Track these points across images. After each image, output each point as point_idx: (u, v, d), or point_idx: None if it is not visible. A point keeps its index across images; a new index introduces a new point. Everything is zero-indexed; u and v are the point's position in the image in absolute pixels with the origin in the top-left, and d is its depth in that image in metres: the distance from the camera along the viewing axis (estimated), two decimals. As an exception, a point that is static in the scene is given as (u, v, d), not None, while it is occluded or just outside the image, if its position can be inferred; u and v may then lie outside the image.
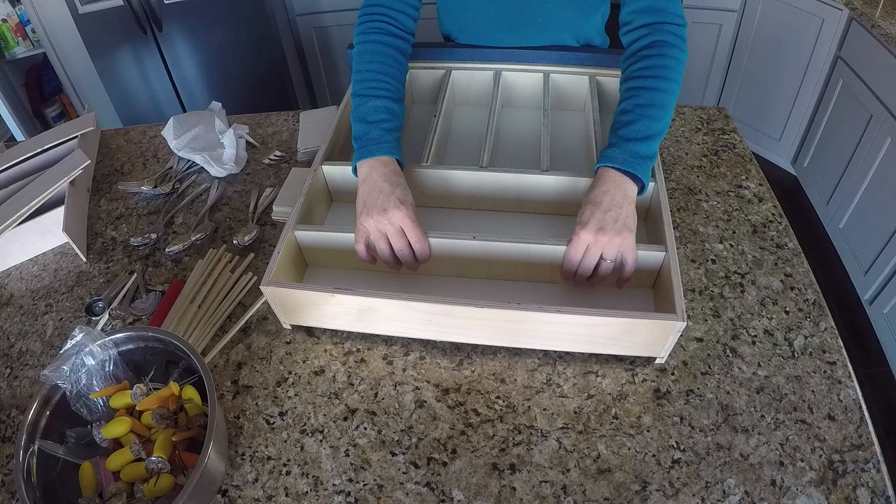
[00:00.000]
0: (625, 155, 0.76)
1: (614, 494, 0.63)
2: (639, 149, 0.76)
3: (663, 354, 0.72)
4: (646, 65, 0.80)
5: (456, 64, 1.07)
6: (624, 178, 0.76)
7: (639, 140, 0.77)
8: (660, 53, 0.80)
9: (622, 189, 0.75)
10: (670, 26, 0.81)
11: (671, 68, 0.80)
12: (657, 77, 0.79)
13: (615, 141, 0.78)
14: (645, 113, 0.77)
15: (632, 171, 0.75)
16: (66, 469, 0.65)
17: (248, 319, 0.83)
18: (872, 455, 0.64)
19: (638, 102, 0.79)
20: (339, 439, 0.69)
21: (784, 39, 2.18)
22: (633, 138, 0.77)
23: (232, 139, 1.07)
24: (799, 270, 0.84)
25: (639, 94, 0.79)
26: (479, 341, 0.76)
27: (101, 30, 2.16)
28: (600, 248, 0.72)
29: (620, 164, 0.75)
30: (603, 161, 0.77)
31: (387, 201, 0.75)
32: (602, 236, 0.71)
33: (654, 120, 0.77)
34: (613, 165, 0.76)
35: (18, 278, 0.95)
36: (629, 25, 0.85)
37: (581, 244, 0.73)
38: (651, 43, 0.81)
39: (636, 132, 0.77)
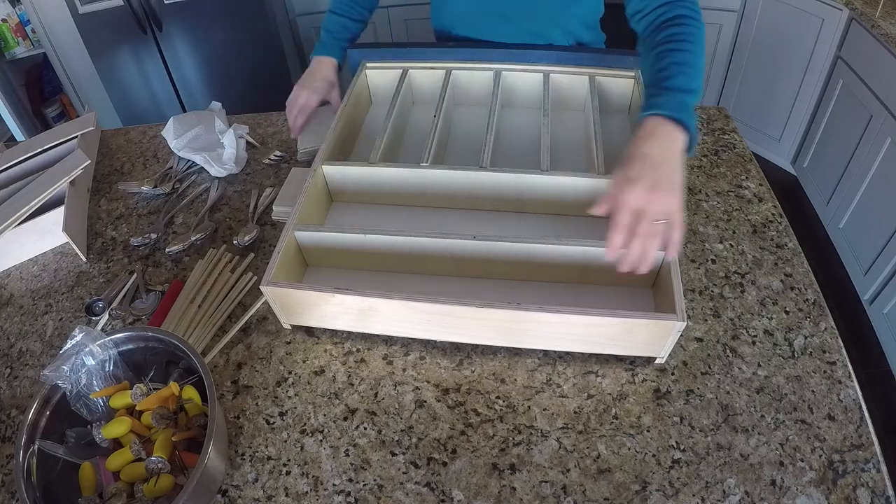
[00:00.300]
0: (672, 102, 0.72)
1: (614, 494, 0.63)
2: (685, 98, 0.72)
3: (663, 354, 0.72)
4: (672, 32, 0.80)
5: (456, 64, 1.07)
6: (674, 127, 0.70)
7: (684, 91, 0.73)
8: (681, 23, 0.81)
9: (670, 141, 0.69)
10: (686, 1, 0.82)
11: (696, 35, 0.80)
12: (686, 41, 0.79)
13: (658, 91, 0.73)
14: (682, 70, 0.75)
15: (681, 118, 0.70)
16: (66, 469, 0.65)
17: (248, 319, 0.83)
18: (872, 455, 0.64)
19: (673, 60, 0.76)
20: (339, 439, 0.69)
21: (784, 39, 2.18)
22: (678, 88, 0.73)
23: (232, 139, 1.07)
24: (799, 270, 0.84)
25: (671, 54, 0.77)
26: (479, 341, 0.76)
27: (101, 30, 2.17)
28: (656, 207, 0.65)
29: (670, 111, 0.70)
30: (652, 109, 0.72)
31: (310, 83, 1.08)
32: (654, 194, 0.65)
33: (690, 77, 0.75)
34: (662, 112, 0.71)
35: (18, 278, 0.95)
36: (643, 11, 0.85)
37: (632, 204, 0.65)
38: (670, 17, 0.82)
39: (679, 84, 0.74)
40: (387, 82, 1.11)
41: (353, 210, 0.94)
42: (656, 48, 0.80)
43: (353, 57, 1.13)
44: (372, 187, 0.92)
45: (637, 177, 0.67)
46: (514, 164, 0.90)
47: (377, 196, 0.93)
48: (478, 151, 0.90)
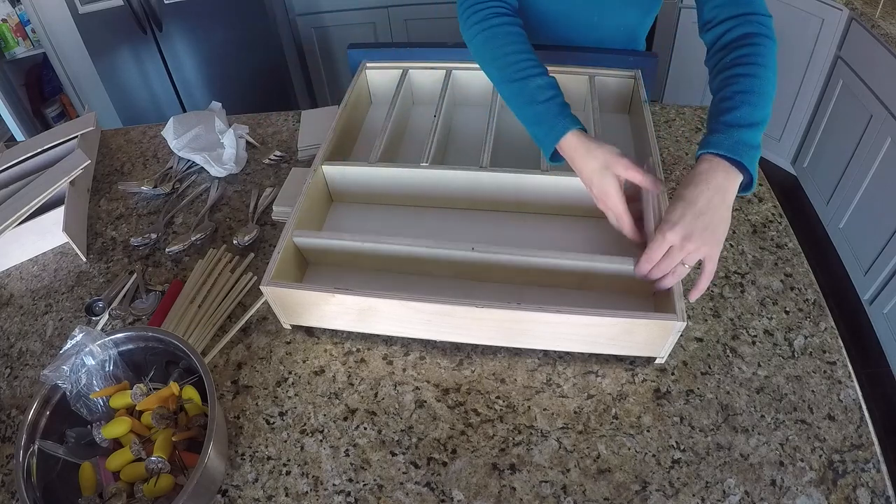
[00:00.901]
0: (730, 141, 0.68)
1: (614, 494, 0.63)
2: (745, 136, 0.69)
3: (663, 354, 0.72)
4: (741, 53, 0.75)
5: (456, 64, 1.07)
6: (728, 169, 0.68)
7: (743, 127, 0.69)
8: (752, 42, 0.75)
9: (722, 190, 0.68)
10: (757, 17, 0.77)
11: (766, 56, 0.74)
12: (753, 64, 0.73)
13: (718, 127, 0.70)
14: (747, 100, 0.71)
15: (738, 158, 0.68)
16: (66, 469, 0.65)
17: (248, 319, 0.83)
18: (872, 455, 0.64)
19: (737, 89, 0.72)
20: (339, 439, 0.69)
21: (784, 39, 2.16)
22: (738, 124, 0.69)
23: (232, 139, 1.07)
24: (799, 270, 0.84)
25: (737, 80, 0.73)
26: (479, 341, 0.76)
27: (101, 30, 2.17)
28: (682, 254, 0.67)
29: (726, 151, 0.68)
30: (706, 147, 0.70)
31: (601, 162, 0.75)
32: (688, 243, 0.66)
33: (755, 107, 0.71)
34: (718, 152, 0.68)
35: (18, 278, 0.95)
36: (713, 21, 0.80)
37: (665, 245, 0.67)
38: (742, 35, 0.77)
39: (741, 118, 0.70)
40: (387, 82, 1.12)
41: (352, 210, 0.94)
42: (722, 72, 0.76)
43: (353, 57, 1.13)
44: (372, 187, 0.92)
45: (676, 222, 0.67)
46: (514, 164, 0.90)
47: (377, 196, 0.93)
48: (478, 151, 0.90)
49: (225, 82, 2.38)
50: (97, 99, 2.48)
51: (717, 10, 0.80)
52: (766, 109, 0.72)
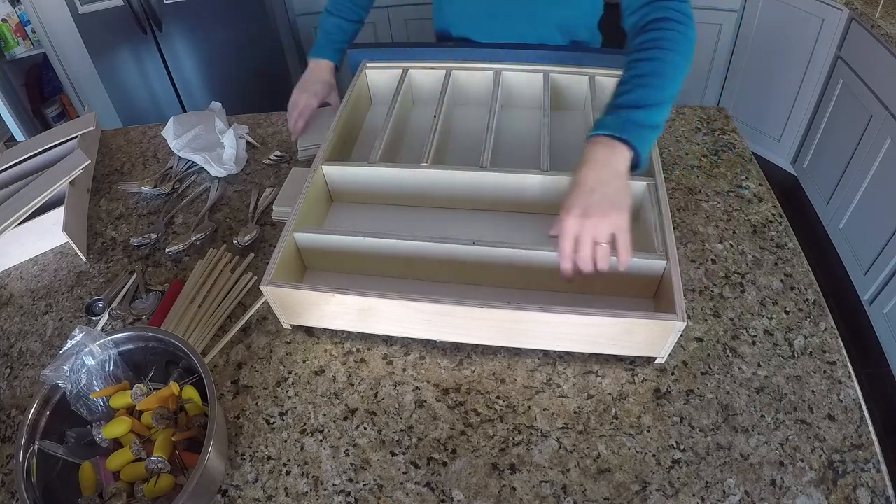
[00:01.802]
0: (616, 121, 0.71)
1: (614, 494, 0.63)
2: (633, 115, 0.71)
3: (663, 354, 0.72)
4: (645, 38, 0.77)
5: (456, 64, 1.07)
6: (614, 146, 0.70)
7: (633, 107, 0.72)
8: (660, 27, 0.77)
9: (609, 163, 0.70)
10: (670, 2, 0.78)
11: (672, 40, 0.76)
12: (656, 48, 0.75)
13: (607, 110, 0.73)
14: (641, 82, 0.73)
15: (624, 136, 0.70)
16: (66, 469, 0.65)
17: (248, 319, 0.83)
18: (872, 455, 0.64)
19: (634, 73, 0.75)
20: (339, 439, 0.69)
21: (784, 39, 2.18)
22: (626, 105, 0.72)
23: (232, 139, 1.07)
24: (799, 270, 0.84)
25: (635, 65, 0.75)
26: (479, 341, 0.76)
27: (101, 30, 2.17)
28: (590, 232, 0.67)
29: (611, 130, 0.70)
30: (594, 129, 0.72)
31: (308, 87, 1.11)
32: (587, 220, 0.67)
33: (652, 88, 0.73)
34: (603, 132, 0.71)
35: (18, 278, 0.95)
36: (629, 9, 0.82)
37: (568, 232, 0.68)
38: (652, 20, 0.79)
39: (631, 101, 0.72)
40: (387, 82, 1.12)
41: (352, 210, 0.94)
42: (630, 55, 0.78)
43: (353, 57, 1.13)
44: (372, 187, 0.92)
45: (571, 205, 0.68)
46: (514, 164, 0.90)
47: (377, 196, 0.93)
48: (478, 151, 0.90)
49: (225, 82, 2.38)
50: (97, 99, 2.48)
51: None
52: (666, 91, 0.74)
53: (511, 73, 1.06)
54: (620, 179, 0.70)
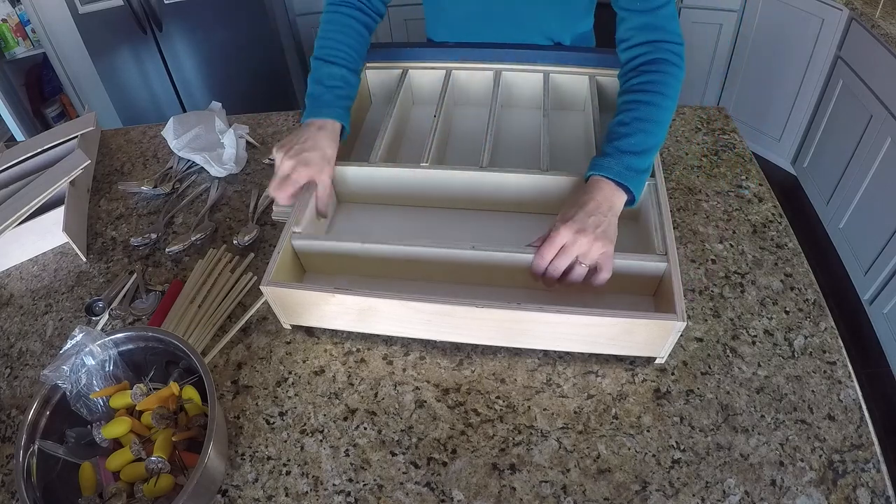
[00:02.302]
0: (619, 166, 0.75)
1: (614, 494, 0.63)
2: (633, 162, 0.76)
3: (663, 354, 0.72)
4: (646, 80, 0.81)
5: (456, 64, 1.07)
6: (615, 190, 0.75)
7: (634, 153, 0.76)
8: (659, 70, 0.81)
9: (609, 201, 0.74)
10: (669, 45, 0.82)
11: (670, 85, 0.80)
12: (656, 93, 0.79)
13: (610, 151, 0.77)
14: (642, 127, 0.77)
15: (625, 183, 0.75)
16: (66, 469, 0.65)
17: (248, 319, 0.83)
18: (872, 455, 0.64)
19: (636, 116, 0.78)
20: (339, 439, 0.69)
21: (784, 39, 2.18)
22: (628, 151, 0.76)
23: (232, 139, 1.07)
24: (799, 270, 0.84)
25: (637, 107, 0.79)
26: (479, 341, 0.76)
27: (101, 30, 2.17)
28: (577, 249, 0.70)
29: (614, 176, 0.75)
30: (596, 170, 0.77)
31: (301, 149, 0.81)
32: (582, 237, 0.70)
33: (650, 135, 0.78)
34: (607, 175, 0.75)
35: (18, 278, 0.95)
36: (627, 42, 0.85)
37: (559, 240, 0.71)
38: (651, 60, 0.82)
39: (633, 145, 0.76)
40: (387, 82, 1.12)
41: (352, 210, 0.94)
42: (626, 94, 0.81)
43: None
44: (372, 187, 0.92)
45: (570, 218, 0.72)
46: (514, 164, 0.90)
47: (377, 196, 0.93)
48: (478, 151, 0.90)
49: (225, 82, 2.38)
50: (97, 99, 2.48)
51: (632, 32, 0.84)
52: (660, 136, 0.79)
53: (511, 73, 1.06)
54: (615, 217, 0.74)
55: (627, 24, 0.84)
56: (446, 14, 1.10)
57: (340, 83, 0.89)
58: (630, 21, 0.84)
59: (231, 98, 2.09)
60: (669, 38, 0.82)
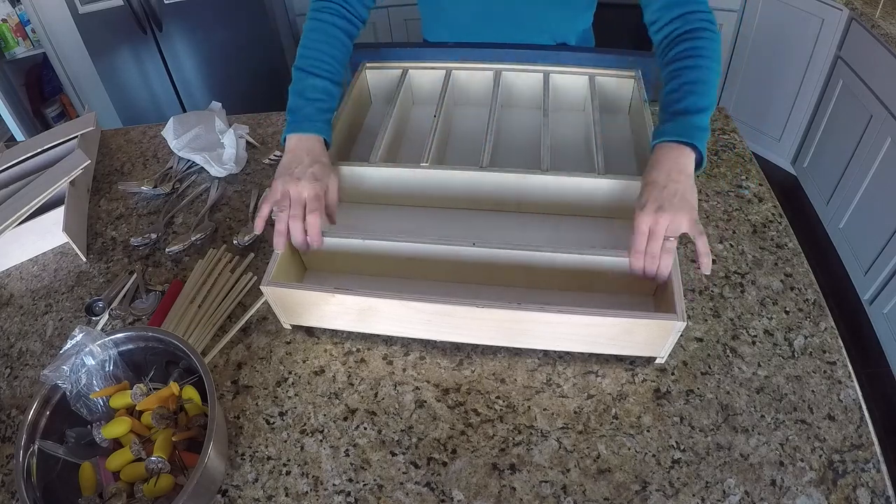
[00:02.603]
0: (679, 127, 0.75)
1: (614, 494, 0.63)
2: (692, 120, 0.75)
3: (663, 354, 0.72)
4: (685, 47, 0.81)
5: (456, 64, 1.07)
6: (680, 150, 0.74)
7: (691, 113, 0.76)
8: (696, 37, 0.81)
9: (678, 164, 0.74)
10: (699, 13, 0.82)
11: (710, 48, 0.80)
12: (698, 56, 0.79)
13: (667, 117, 0.77)
14: (693, 90, 0.77)
15: (688, 140, 0.74)
16: (66, 469, 0.65)
17: (248, 319, 0.83)
18: (872, 455, 0.64)
19: (683, 81, 0.79)
20: (339, 439, 0.69)
21: (784, 39, 2.18)
22: (685, 111, 0.76)
23: (232, 139, 1.07)
24: (799, 270, 0.84)
25: (682, 73, 0.79)
26: (480, 341, 0.76)
27: (101, 30, 2.17)
28: (663, 227, 0.70)
29: (676, 136, 0.75)
30: (658, 137, 0.77)
31: (303, 172, 0.78)
32: (662, 215, 0.70)
33: (701, 95, 0.77)
34: (669, 139, 0.75)
35: (18, 278, 0.95)
36: (658, 23, 0.85)
37: (643, 226, 0.71)
38: (685, 31, 0.82)
39: (687, 107, 0.76)
40: (387, 82, 1.11)
41: (352, 210, 0.94)
42: (669, 65, 0.82)
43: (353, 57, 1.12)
44: (372, 187, 0.92)
45: (645, 202, 0.71)
46: (514, 164, 0.90)
47: (377, 196, 0.93)
48: (478, 151, 0.89)
49: (225, 82, 2.38)
50: (97, 99, 2.48)
51: (661, 11, 0.84)
52: (711, 96, 0.78)
53: (511, 73, 1.06)
54: (690, 178, 0.74)
55: (653, 5, 0.85)
56: (446, 14, 1.10)
57: (322, 96, 0.86)
58: (655, 2, 0.84)
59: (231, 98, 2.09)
60: (697, 8, 0.82)
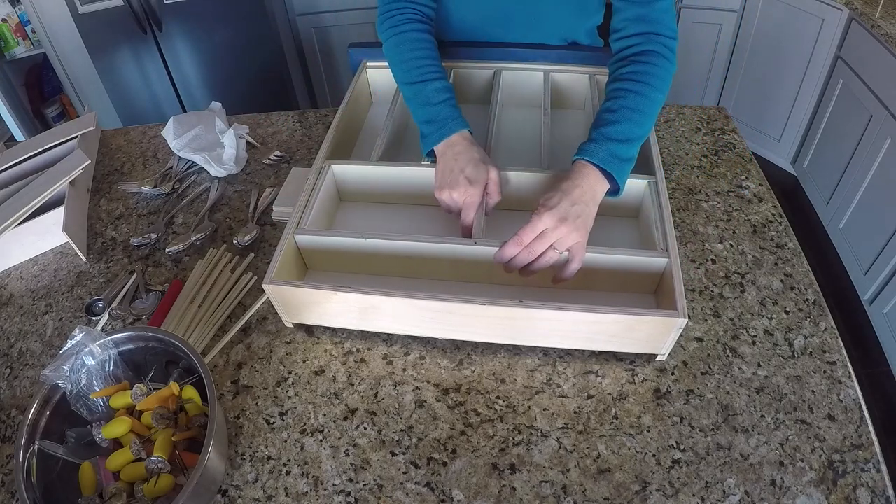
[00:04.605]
0: (604, 153, 0.75)
1: (614, 494, 0.63)
2: (619, 150, 0.76)
3: (664, 351, 0.72)
4: (636, 69, 0.81)
5: (456, 63, 1.07)
6: (599, 177, 0.75)
7: (620, 141, 0.76)
8: (649, 62, 0.81)
9: (593, 189, 0.75)
10: (662, 38, 0.82)
11: (659, 77, 0.80)
12: (646, 84, 0.79)
13: (597, 137, 0.77)
14: (630, 116, 0.78)
15: (609, 170, 0.75)
16: (66, 469, 0.65)
17: (248, 319, 0.83)
18: (872, 455, 0.64)
19: (624, 104, 0.78)
20: (339, 439, 0.69)
21: (784, 39, 2.18)
22: (615, 138, 0.76)
23: (232, 139, 1.07)
24: (799, 270, 0.84)
25: (626, 95, 0.79)
26: (482, 339, 0.76)
27: (101, 30, 2.16)
28: (555, 236, 0.71)
29: (599, 161, 0.75)
30: (582, 154, 0.77)
31: (455, 180, 0.81)
32: (562, 225, 0.71)
33: (637, 124, 0.78)
34: (592, 161, 0.75)
35: (18, 278, 0.95)
36: (621, 32, 0.85)
37: (540, 225, 0.71)
38: (642, 51, 0.82)
39: (618, 133, 0.77)
40: (388, 81, 1.11)
41: (353, 209, 0.94)
42: (616, 82, 0.82)
43: (354, 56, 1.13)
44: (372, 186, 0.92)
45: (554, 205, 0.72)
46: (515, 162, 0.90)
47: (378, 195, 0.93)
48: (478, 151, 0.89)
49: (225, 82, 2.38)
50: (97, 99, 2.48)
51: (627, 23, 0.84)
52: (646, 126, 0.79)
53: (511, 72, 1.06)
54: (595, 207, 0.75)
55: (622, 14, 0.84)
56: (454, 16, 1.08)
57: (447, 94, 0.88)
58: (625, 12, 0.84)
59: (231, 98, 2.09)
60: (663, 32, 0.82)
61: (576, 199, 0.72)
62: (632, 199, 0.86)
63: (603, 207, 0.87)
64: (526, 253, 0.72)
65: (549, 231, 0.71)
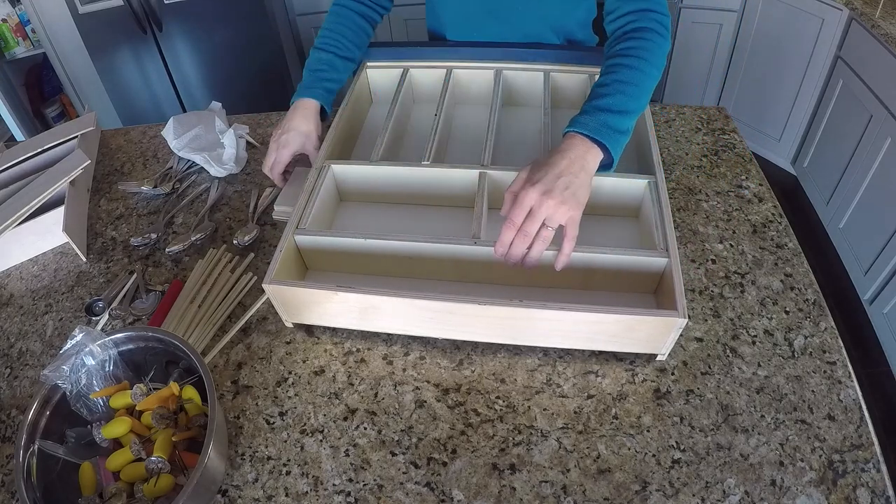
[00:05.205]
0: (595, 123, 0.74)
1: (614, 494, 0.63)
2: (611, 120, 0.74)
3: (664, 351, 0.72)
4: (629, 45, 0.80)
5: (456, 63, 1.07)
6: (589, 146, 0.73)
7: (612, 112, 0.74)
8: (643, 37, 0.80)
9: (583, 158, 0.72)
10: (654, 14, 0.82)
11: (653, 52, 0.80)
12: (639, 58, 0.78)
13: (588, 109, 0.76)
14: (622, 89, 0.76)
15: (600, 139, 0.73)
16: (66, 469, 0.65)
17: (248, 319, 0.83)
18: (872, 455, 0.64)
19: (617, 78, 0.77)
20: (339, 439, 0.69)
21: (784, 39, 2.18)
22: (606, 109, 0.74)
23: (232, 139, 1.07)
24: (799, 270, 0.84)
25: (618, 70, 0.78)
26: (482, 339, 0.76)
27: (101, 30, 2.17)
28: (544, 212, 0.68)
29: (588, 131, 0.73)
30: (572, 126, 0.75)
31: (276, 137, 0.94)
32: (548, 199, 0.67)
33: (630, 97, 0.76)
34: (581, 131, 0.73)
35: (18, 278, 0.95)
36: (614, 13, 0.85)
37: (527, 201, 0.68)
38: (636, 28, 0.82)
39: (611, 104, 0.75)
40: (388, 81, 1.12)
41: (353, 209, 0.94)
42: (610, 59, 0.81)
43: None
44: (373, 186, 0.92)
45: (536, 180, 0.69)
46: (515, 162, 0.90)
47: (378, 195, 0.93)
48: (479, 150, 0.90)
49: (225, 82, 2.38)
50: (97, 99, 2.48)
51: (619, 3, 0.84)
52: (640, 100, 0.77)
53: (512, 72, 1.06)
54: (588, 177, 0.72)
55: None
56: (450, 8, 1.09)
57: (325, 66, 0.98)
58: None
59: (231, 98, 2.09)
60: (654, 8, 0.82)
61: (562, 170, 0.69)
62: (632, 199, 0.86)
63: (603, 207, 0.87)
64: (521, 238, 0.69)
65: (535, 207, 0.68)
